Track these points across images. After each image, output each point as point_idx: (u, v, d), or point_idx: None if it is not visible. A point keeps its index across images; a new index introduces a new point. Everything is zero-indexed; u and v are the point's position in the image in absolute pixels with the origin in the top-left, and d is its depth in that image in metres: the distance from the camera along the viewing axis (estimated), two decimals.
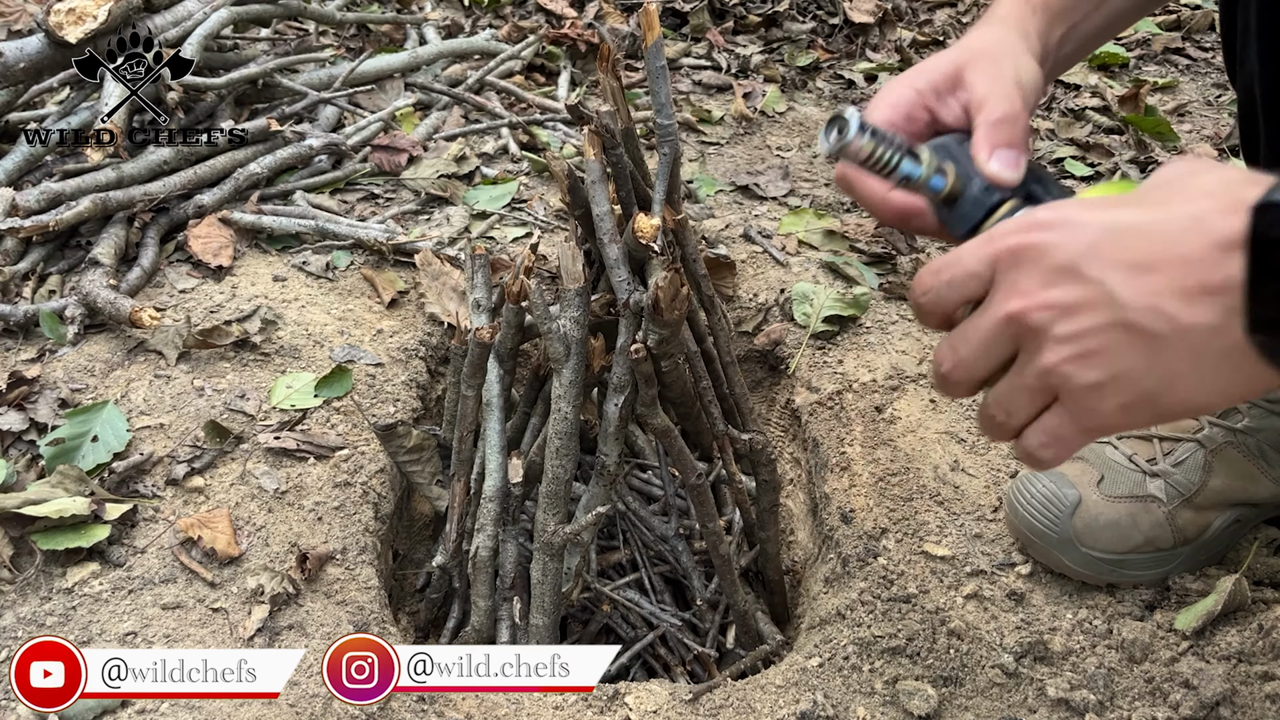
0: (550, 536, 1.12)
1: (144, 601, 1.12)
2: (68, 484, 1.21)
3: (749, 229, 1.87)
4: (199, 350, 1.47)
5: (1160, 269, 0.55)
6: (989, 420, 0.64)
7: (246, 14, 2.05)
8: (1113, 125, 2.40)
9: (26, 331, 1.49)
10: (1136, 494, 1.15)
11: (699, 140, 2.26)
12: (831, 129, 0.67)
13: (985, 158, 0.71)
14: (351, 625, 1.15)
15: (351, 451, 1.36)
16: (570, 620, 1.37)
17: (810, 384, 1.56)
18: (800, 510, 1.52)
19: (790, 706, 1.08)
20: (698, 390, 1.17)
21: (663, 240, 1.05)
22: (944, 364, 0.64)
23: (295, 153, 1.91)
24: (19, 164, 1.74)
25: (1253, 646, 1.08)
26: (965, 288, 0.62)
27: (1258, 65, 0.87)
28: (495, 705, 1.08)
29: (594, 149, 1.02)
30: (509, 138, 2.16)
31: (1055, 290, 0.57)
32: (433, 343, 1.61)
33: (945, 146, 0.73)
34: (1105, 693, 1.06)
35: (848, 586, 1.23)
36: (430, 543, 1.48)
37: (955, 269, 0.62)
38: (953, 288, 0.62)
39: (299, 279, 1.66)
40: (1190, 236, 0.54)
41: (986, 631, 1.13)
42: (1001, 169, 0.70)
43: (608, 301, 1.09)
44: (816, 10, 2.90)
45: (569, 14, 2.70)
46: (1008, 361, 0.61)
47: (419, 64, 2.36)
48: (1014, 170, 0.70)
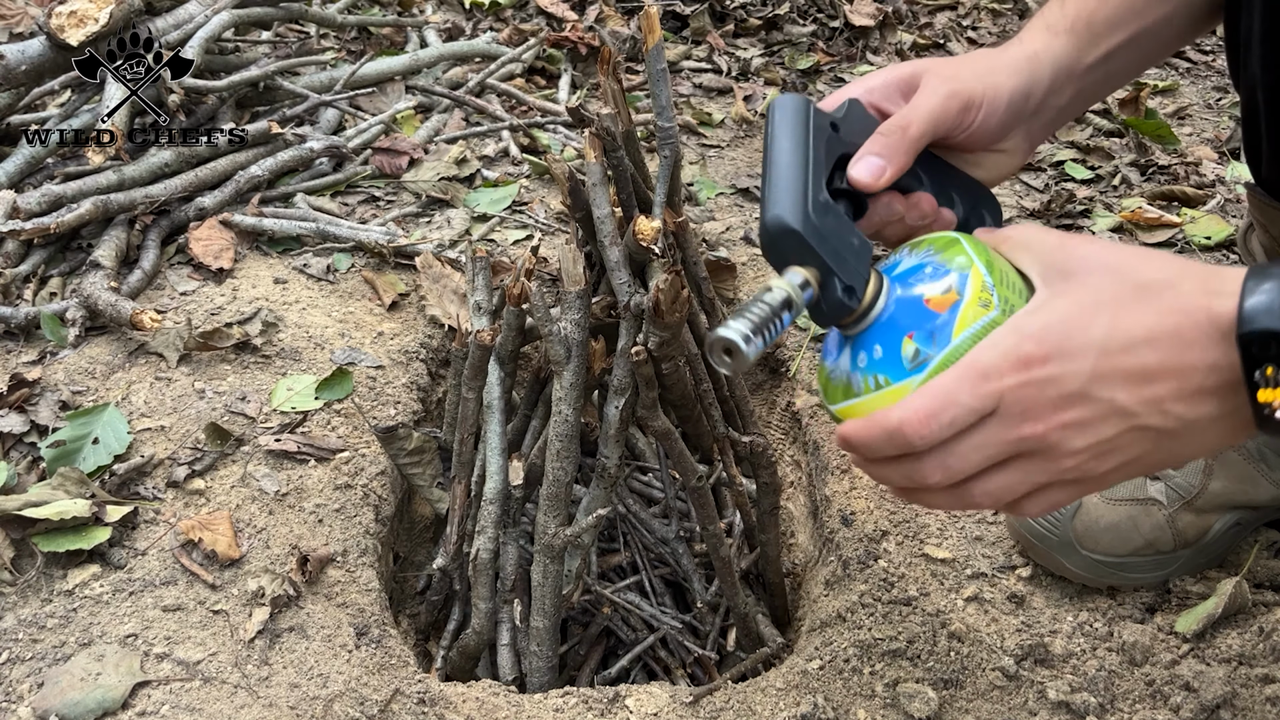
0: (551, 539, 1.12)
1: (145, 604, 1.12)
2: (69, 486, 1.21)
3: (749, 231, 1.87)
4: (200, 352, 1.47)
5: (1161, 378, 0.60)
6: (970, 506, 0.67)
7: (248, 17, 2.06)
8: (1113, 128, 2.40)
9: (27, 334, 1.49)
10: (1137, 497, 1.15)
11: (700, 143, 2.26)
12: (722, 357, 0.67)
13: (854, 162, 0.75)
14: (352, 628, 1.15)
15: (352, 454, 1.36)
16: (571, 623, 1.37)
17: (811, 386, 1.56)
18: (801, 513, 1.52)
19: (791, 709, 1.08)
20: (698, 393, 1.17)
21: (663, 243, 1.05)
22: (931, 478, 0.65)
23: (296, 155, 1.91)
24: (20, 166, 1.74)
25: (1253, 649, 1.08)
26: (966, 424, 0.63)
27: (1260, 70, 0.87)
28: (495, 708, 1.08)
29: (595, 152, 1.02)
30: (510, 140, 2.16)
31: (1068, 413, 0.62)
32: (433, 345, 1.61)
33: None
34: (1106, 695, 1.06)
35: (848, 589, 1.23)
36: (431, 545, 1.48)
37: (954, 409, 0.63)
38: (955, 427, 0.63)
39: (300, 281, 1.67)
40: (1182, 350, 0.60)
41: (987, 634, 1.13)
42: (860, 173, 0.75)
43: (608, 304, 1.09)
44: (817, 13, 2.91)
45: (570, 17, 2.70)
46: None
47: (420, 67, 2.36)
48: (871, 177, 0.74)
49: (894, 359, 0.69)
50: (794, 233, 0.70)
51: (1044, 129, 0.87)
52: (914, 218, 0.80)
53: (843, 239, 0.72)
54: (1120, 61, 0.88)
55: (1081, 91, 0.87)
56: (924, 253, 0.73)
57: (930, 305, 0.69)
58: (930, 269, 0.71)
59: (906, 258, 0.74)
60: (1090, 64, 0.86)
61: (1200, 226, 1.95)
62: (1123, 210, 2.01)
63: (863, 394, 0.71)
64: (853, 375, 0.72)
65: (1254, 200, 1.05)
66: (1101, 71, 0.87)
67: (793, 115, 0.76)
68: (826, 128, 0.77)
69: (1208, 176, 2.18)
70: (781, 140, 0.75)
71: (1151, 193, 2.10)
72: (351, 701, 1.05)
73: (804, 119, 0.76)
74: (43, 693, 1.02)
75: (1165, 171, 2.20)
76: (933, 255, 0.72)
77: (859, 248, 0.72)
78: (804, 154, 0.74)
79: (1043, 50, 0.84)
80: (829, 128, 0.77)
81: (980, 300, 0.67)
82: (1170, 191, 2.09)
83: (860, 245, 0.72)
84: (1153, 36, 0.88)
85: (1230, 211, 2.02)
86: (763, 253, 0.75)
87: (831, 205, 0.73)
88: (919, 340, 0.68)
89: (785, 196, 0.72)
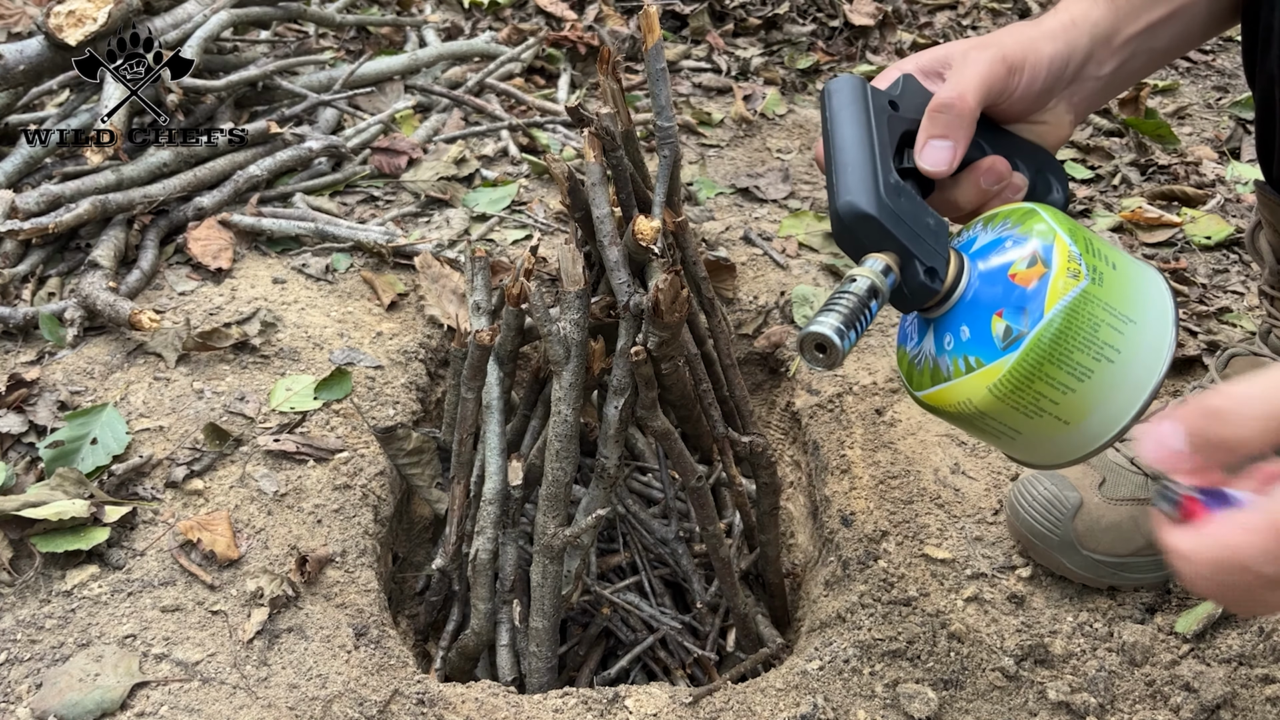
0: (550, 539, 1.11)
1: (143, 604, 1.12)
2: (67, 486, 1.21)
3: (749, 231, 1.87)
4: (198, 353, 1.47)
5: None
6: None
7: (246, 16, 2.05)
8: (1113, 128, 2.40)
9: (26, 334, 1.49)
10: (1138, 496, 1.15)
11: (699, 143, 2.26)
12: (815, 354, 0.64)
13: (919, 151, 0.73)
14: (351, 628, 1.15)
15: (351, 454, 1.36)
16: (570, 623, 1.37)
17: (810, 387, 1.56)
18: (800, 513, 1.52)
19: (790, 709, 1.07)
20: (698, 393, 1.16)
21: (663, 243, 1.05)
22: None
23: (295, 155, 1.91)
24: (19, 166, 1.74)
25: (1253, 649, 1.08)
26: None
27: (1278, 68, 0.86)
28: (494, 709, 1.08)
29: (594, 151, 1.02)
30: (509, 140, 2.16)
31: None
32: (432, 345, 1.61)
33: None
34: (1106, 696, 1.06)
35: (848, 589, 1.23)
36: (430, 545, 1.48)
37: (1266, 552, 0.51)
38: (1255, 570, 0.51)
39: (298, 281, 1.66)
40: None
41: (987, 634, 1.13)
42: (929, 162, 0.72)
43: (608, 304, 1.09)
44: (816, 13, 2.90)
45: (569, 16, 2.70)
46: None
47: (419, 66, 2.36)
48: (945, 163, 0.72)
49: (984, 338, 0.67)
50: (870, 218, 0.68)
51: (1086, 101, 0.85)
52: (989, 181, 0.77)
53: (918, 219, 0.70)
54: (1163, 36, 0.87)
55: (1124, 64, 0.85)
56: (1001, 226, 0.71)
57: (1016, 280, 0.66)
58: (1011, 242, 0.68)
59: (983, 233, 0.72)
60: (1130, 36, 0.84)
61: (1200, 226, 1.95)
62: (1123, 210, 2.01)
63: (953, 377, 0.69)
64: (939, 359, 0.70)
65: (1263, 199, 1.04)
66: (1144, 45, 0.86)
67: (851, 97, 0.74)
68: (886, 106, 0.74)
69: (1208, 176, 2.18)
70: (844, 124, 0.73)
71: (1151, 192, 2.10)
72: (350, 702, 1.05)
73: (863, 100, 0.74)
74: (41, 693, 1.02)
75: (1165, 171, 2.20)
76: (1011, 228, 0.69)
77: (935, 227, 0.70)
78: (868, 136, 0.72)
79: (1081, 17, 0.83)
80: (889, 106, 0.75)
81: (1070, 271, 0.65)
82: (1170, 191, 2.09)
83: (936, 224, 0.70)
84: (1195, 12, 0.87)
85: (1230, 211, 2.02)
86: (836, 241, 0.72)
87: (903, 186, 0.71)
88: (1009, 317, 0.66)
89: (856, 181, 0.69)
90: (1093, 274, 0.65)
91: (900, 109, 0.75)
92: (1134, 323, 0.66)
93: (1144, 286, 0.69)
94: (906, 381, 0.75)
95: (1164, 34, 0.87)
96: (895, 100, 0.76)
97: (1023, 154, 0.81)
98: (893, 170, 0.71)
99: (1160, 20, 0.86)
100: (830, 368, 0.65)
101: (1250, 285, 1.78)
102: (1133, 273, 0.69)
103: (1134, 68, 0.87)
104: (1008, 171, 0.78)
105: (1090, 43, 0.82)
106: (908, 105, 0.76)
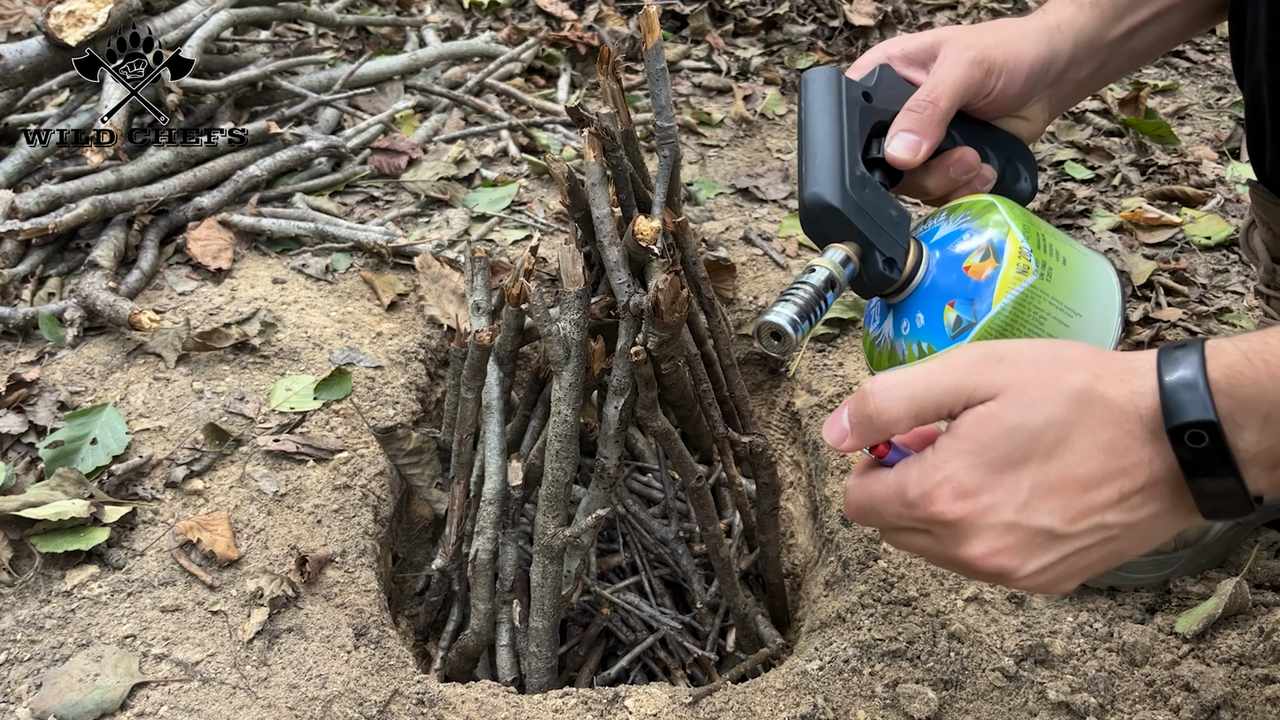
0: (550, 539, 1.11)
1: (143, 604, 1.12)
2: (67, 487, 1.21)
3: (749, 231, 1.87)
4: (198, 353, 1.47)
5: (1098, 487, 0.60)
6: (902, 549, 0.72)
7: (246, 16, 2.05)
8: (1113, 128, 2.40)
9: (26, 334, 1.49)
10: None
11: (699, 143, 2.26)
12: (770, 341, 0.68)
13: (889, 142, 0.76)
14: (351, 628, 1.14)
15: (351, 454, 1.36)
16: (570, 623, 1.37)
17: (810, 387, 1.56)
18: (800, 513, 1.52)
19: (790, 710, 1.07)
20: (698, 393, 1.16)
21: (663, 243, 1.05)
22: (870, 521, 0.68)
23: (295, 155, 1.91)
24: (18, 166, 1.74)
25: (1253, 649, 1.08)
26: (900, 523, 0.65)
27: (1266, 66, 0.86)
28: (494, 709, 1.08)
29: (594, 151, 1.02)
30: (509, 140, 2.16)
31: (1007, 539, 0.62)
32: (432, 345, 1.61)
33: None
34: (1106, 696, 1.06)
35: (848, 589, 1.23)
36: (430, 546, 1.48)
37: (892, 508, 0.64)
38: (883, 518, 0.66)
39: (298, 281, 1.66)
40: (1110, 459, 0.60)
41: (987, 635, 1.13)
42: (898, 151, 0.75)
43: (608, 304, 1.09)
44: (816, 13, 2.90)
45: (569, 16, 2.70)
46: None
47: (419, 66, 2.36)
48: (912, 156, 0.75)
49: (936, 326, 0.70)
50: (833, 210, 0.71)
51: (1063, 100, 0.87)
52: (959, 171, 0.80)
53: (881, 211, 0.72)
54: (1143, 39, 0.88)
55: (1103, 66, 0.87)
56: (961, 218, 0.73)
57: (970, 272, 0.70)
58: (968, 235, 0.72)
59: (944, 223, 0.75)
60: (1113, 39, 0.86)
61: (1200, 226, 1.94)
62: (1123, 210, 2.01)
63: (907, 361, 0.72)
64: (896, 342, 0.73)
65: (1256, 198, 1.04)
66: (1124, 48, 0.87)
67: (825, 89, 0.77)
68: (859, 98, 0.77)
69: (1208, 176, 2.17)
70: (815, 115, 0.76)
71: (1151, 192, 2.09)
72: (350, 702, 1.05)
73: (836, 92, 0.76)
74: (41, 693, 1.02)
75: (1165, 171, 2.20)
76: (969, 221, 0.72)
77: (897, 219, 0.73)
78: (838, 128, 0.74)
79: (1066, 22, 0.84)
80: (861, 98, 0.77)
81: (1018, 266, 0.68)
82: (1170, 191, 2.08)
83: (899, 216, 0.73)
84: (1175, 15, 0.89)
85: (1230, 211, 2.02)
86: (803, 229, 0.75)
87: (869, 178, 0.73)
88: (960, 307, 0.69)
89: (822, 173, 0.72)
90: (1041, 269, 0.69)
91: (874, 100, 0.78)
92: (1079, 316, 0.70)
93: (1092, 280, 0.73)
94: (868, 361, 0.79)
95: (1144, 36, 0.88)
96: (869, 91, 0.78)
97: (994, 144, 0.84)
98: (859, 163, 0.74)
99: (1141, 23, 0.87)
100: (784, 354, 0.70)
101: (1250, 285, 1.78)
102: (1083, 266, 0.73)
103: (1112, 69, 0.89)
104: (977, 163, 0.81)
105: (1073, 48, 0.84)
106: (881, 97, 0.79)
